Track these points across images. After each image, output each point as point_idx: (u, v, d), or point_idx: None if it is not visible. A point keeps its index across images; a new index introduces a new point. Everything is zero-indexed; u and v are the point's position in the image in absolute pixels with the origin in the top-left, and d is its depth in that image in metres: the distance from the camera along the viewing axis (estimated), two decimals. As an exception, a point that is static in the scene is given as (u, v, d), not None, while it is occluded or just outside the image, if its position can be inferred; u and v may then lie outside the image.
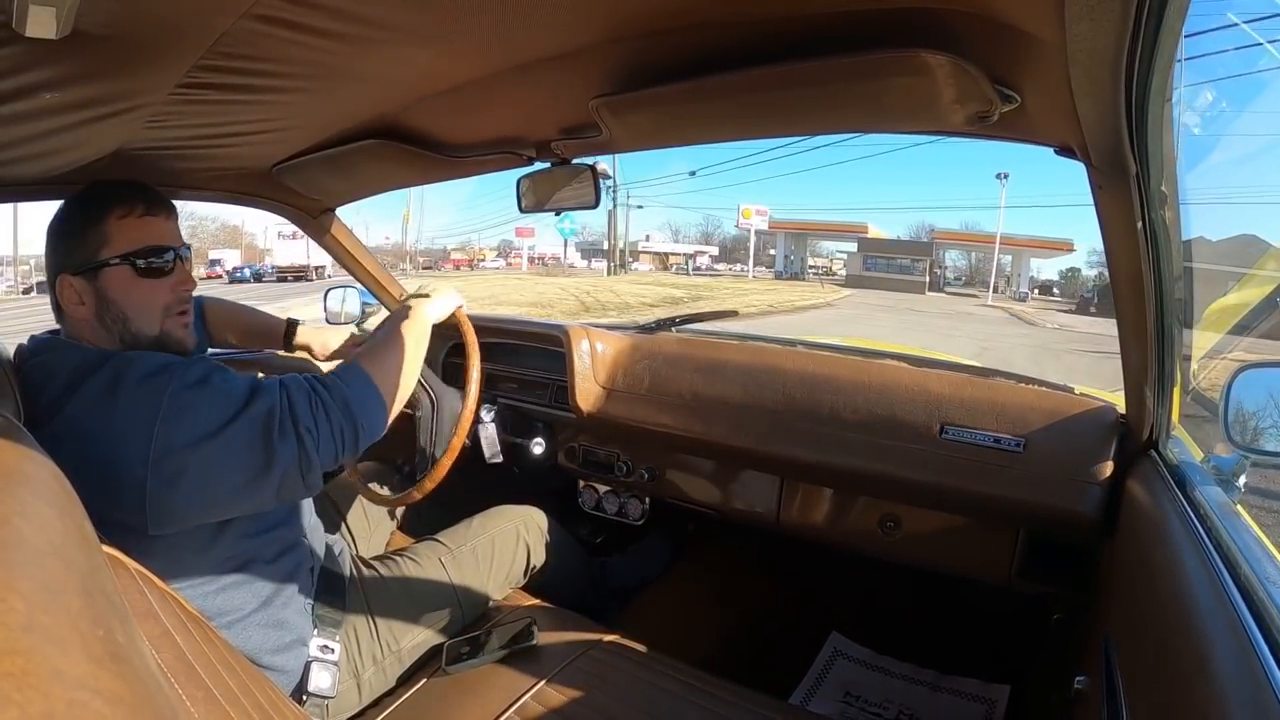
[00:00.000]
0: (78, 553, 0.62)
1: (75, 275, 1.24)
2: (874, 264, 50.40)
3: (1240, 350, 1.89)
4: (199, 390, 1.15)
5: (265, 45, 0.97)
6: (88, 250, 1.25)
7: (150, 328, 1.30)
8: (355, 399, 1.28)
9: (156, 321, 1.31)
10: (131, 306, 1.28)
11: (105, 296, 1.26)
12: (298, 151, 1.64)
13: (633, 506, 2.58)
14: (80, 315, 1.26)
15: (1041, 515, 1.63)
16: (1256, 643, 0.70)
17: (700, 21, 1.03)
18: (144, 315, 1.29)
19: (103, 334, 1.27)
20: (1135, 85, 0.79)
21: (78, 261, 1.25)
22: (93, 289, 1.25)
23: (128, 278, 1.27)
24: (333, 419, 1.23)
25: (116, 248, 1.26)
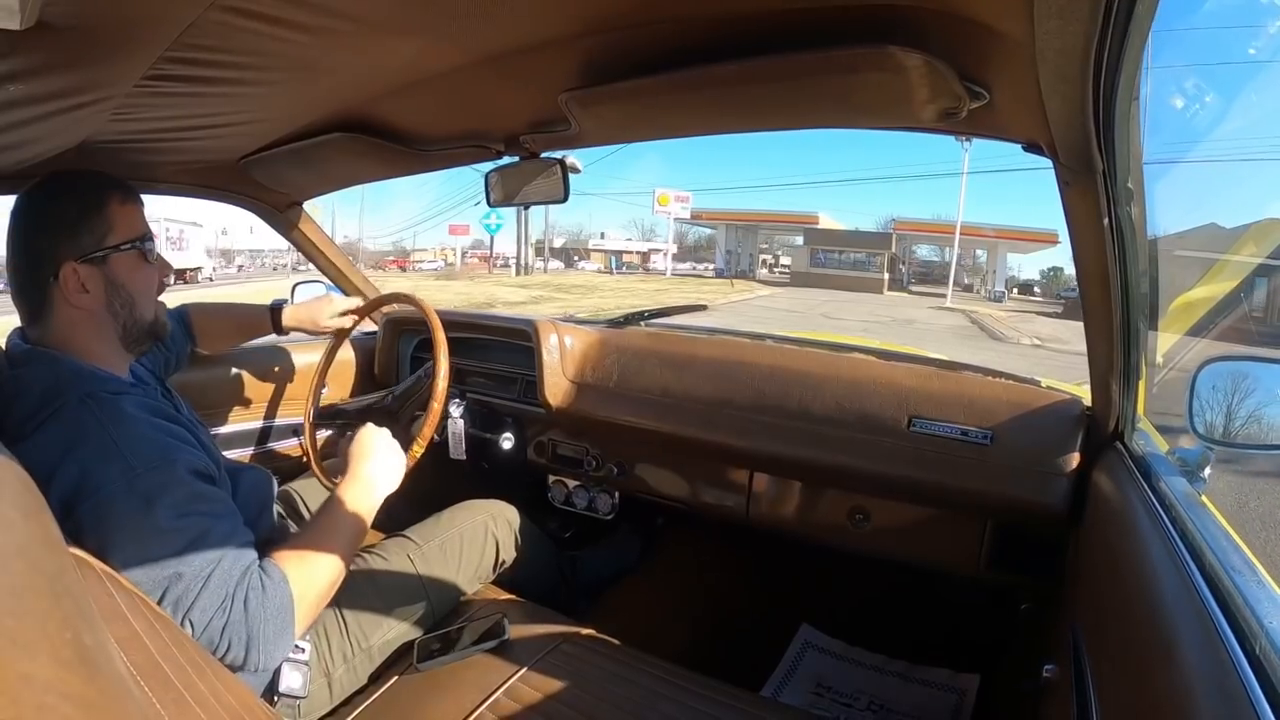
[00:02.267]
0: (44, 555, 0.61)
1: (83, 262, 1.23)
2: (824, 259, 45.64)
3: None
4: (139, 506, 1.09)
5: (232, 37, 0.95)
6: (94, 236, 1.24)
7: (148, 311, 1.33)
8: (264, 634, 1.14)
9: (153, 304, 1.34)
10: (138, 290, 1.30)
11: (115, 282, 1.26)
12: (265, 145, 1.62)
13: (602, 501, 2.58)
14: (85, 304, 1.24)
15: (1009, 507, 1.65)
16: (1222, 630, 0.71)
17: (670, 16, 1.03)
18: (146, 299, 1.32)
19: (105, 323, 1.27)
20: (1103, 83, 0.79)
21: (86, 247, 1.23)
22: (101, 275, 1.25)
23: (134, 262, 1.29)
24: (226, 634, 1.11)
25: (121, 234, 1.26)
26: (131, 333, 1.31)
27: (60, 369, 1.18)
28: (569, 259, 75.76)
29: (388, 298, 2.17)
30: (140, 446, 1.12)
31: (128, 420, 1.15)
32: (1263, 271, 8.00)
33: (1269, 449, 1.18)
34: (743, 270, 54.48)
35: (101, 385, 1.19)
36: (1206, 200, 4.46)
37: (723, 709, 1.42)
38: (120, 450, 1.10)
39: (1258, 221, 6.35)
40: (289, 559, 1.25)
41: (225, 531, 1.17)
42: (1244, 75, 2.26)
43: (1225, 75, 2.27)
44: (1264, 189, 7.88)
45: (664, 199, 44.90)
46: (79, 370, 1.20)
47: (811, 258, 45.85)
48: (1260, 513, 4.81)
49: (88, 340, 1.26)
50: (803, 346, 2.18)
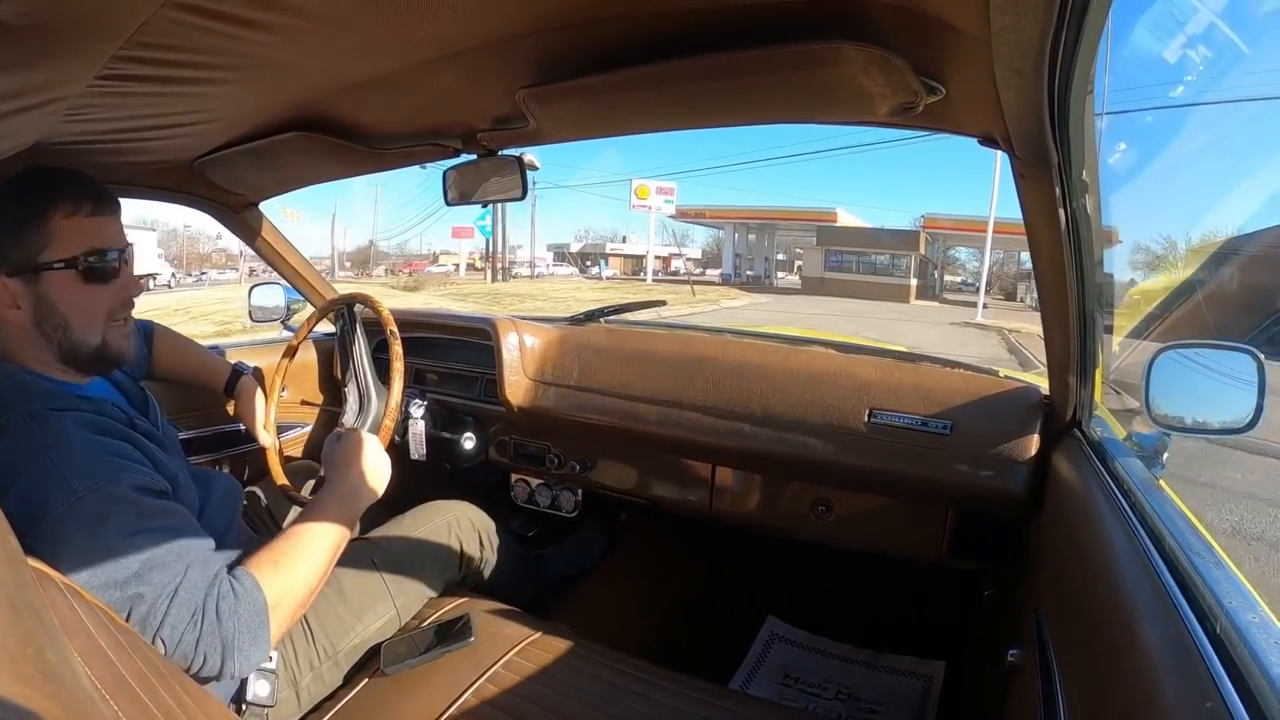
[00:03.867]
0: (2, 569, 0.59)
1: (11, 277, 1.13)
2: (840, 261, 39.51)
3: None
4: (89, 528, 1.01)
5: (186, 35, 0.93)
6: (26, 250, 1.13)
7: (92, 336, 1.21)
8: (239, 640, 1.08)
9: (99, 329, 1.21)
10: (74, 313, 1.18)
11: (46, 302, 1.16)
12: (220, 144, 1.59)
13: (565, 499, 2.58)
14: (13, 320, 1.15)
15: (970, 494, 1.67)
16: (1183, 611, 0.73)
17: (627, 12, 1.03)
18: (86, 323, 1.20)
19: (38, 342, 1.17)
20: (1058, 77, 0.81)
21: (15, 261, 1.13)
22: (31, 293, 1.15)
23: (71, 283, 1.17)
24: (201, 647, 1.05)
25: (60, 250, 1.15)
26: (72, 356, 1.20)
27: (3, 385, 1.11)
28: (582, 264, 72.74)
29: (349, 298, 2.15)
30: (83, 467, 1.04)
31: (69, 439, 1.06)
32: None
33: (1222, 433, 1.21)
34: (755, 276, 48.85)
35: (45, 401, 1.11)
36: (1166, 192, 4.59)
37: (691, 702, 1.42)
38: (61, 472, 1.02)
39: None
40: (262, 565, 1.17)
41: (184, 545, 1.09)
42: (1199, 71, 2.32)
43: (1181, 68, 2.32)
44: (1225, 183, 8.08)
45: (643, 191, 38.26)
46: (22, 383, 1.13)
47: (826, 260, 40.33)
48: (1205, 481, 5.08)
49: (27, 353, 1.17)
50: (763, 340, 2.19)
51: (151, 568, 1.03)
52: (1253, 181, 17.10)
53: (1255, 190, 17.45)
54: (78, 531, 1.00)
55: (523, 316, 2.41)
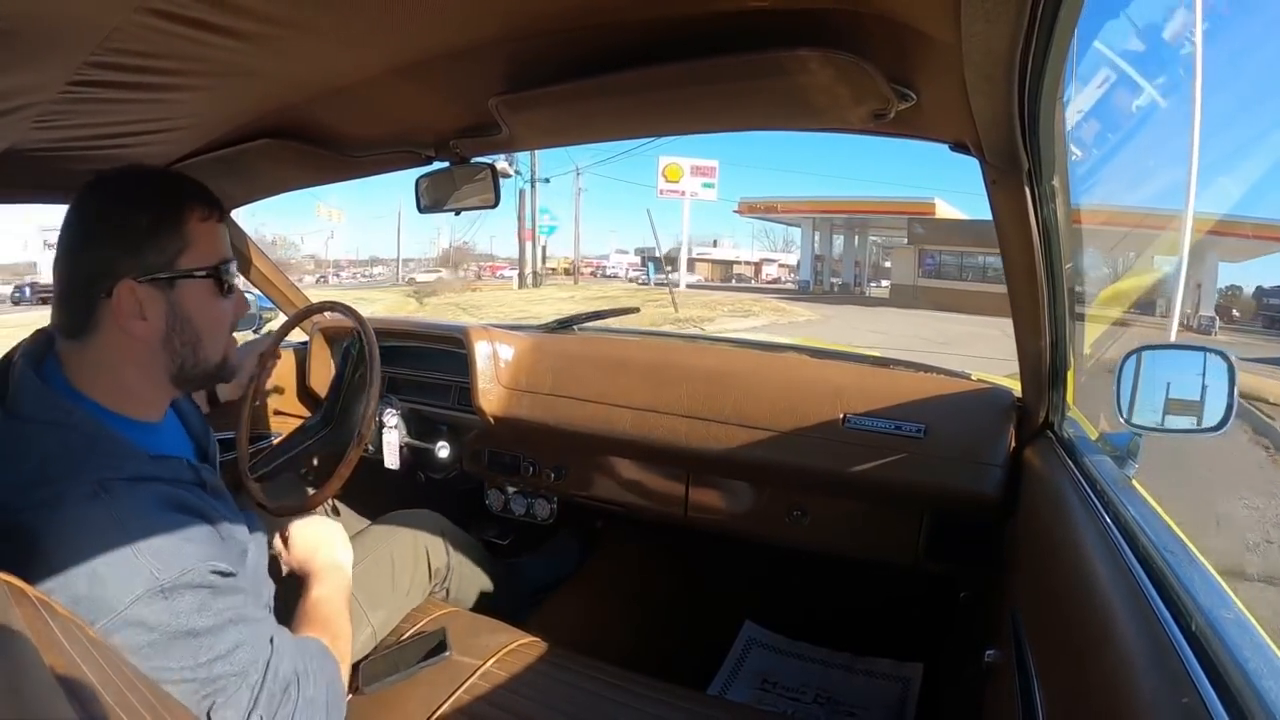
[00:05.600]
0: None
1: (144, 283, 1.02)
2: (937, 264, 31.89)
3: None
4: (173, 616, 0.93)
5: (157, 41, 0.92)
6: (164, 255, 1.03)
7: (217, 353, 1.13)
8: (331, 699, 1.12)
9: (223, 344, 1.14)
10: (207, 326, 1.10)
11: (181, 313, 1.06)
12: (191, 152, 1.57)
13: (540, 507, 2.57)
14: (138, 333, 1.03)
15: (945, 497, 1.68)
16: (1158, 609, 0.74)
17: (599, 20, 1.03)
18: (215, 338, 1.12)
19: (158, 358, 1.07)
20: (1028, 85, 0.82)
21: (151, 266, 1.02)
22: (165, 301, 1.04)
23: (208, 293, 1.08)
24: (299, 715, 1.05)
25: (199, 257, 1.06)
26: (188, 374, 1.10)
27: (70, 437, 0.97)
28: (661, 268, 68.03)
29: (321, 306, 2.12)
30: (162, 550, 0.94)
31: (147, 519, 0.95)
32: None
33: (1192, 432, 1.22)
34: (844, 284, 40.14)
35: (118, 468, 0.97)
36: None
37: (669, 708, 1.42)
38: (142, 555, 0.92)
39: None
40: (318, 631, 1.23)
41: (262, 623, 1.06)
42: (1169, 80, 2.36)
43: (1150, 78, 2.37)
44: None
45: (673, 172, 30.10)
46: (99, 435, 0.99)
47: (921, 263, 32.75)
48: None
49: (128, 375, 1.06)
50: (736, 346, 2.20)
51: (238, 647, 0.98)
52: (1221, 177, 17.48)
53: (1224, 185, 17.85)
54: (163, 618, 0.92)
55: (496, 324, 2.40)
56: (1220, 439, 1.20)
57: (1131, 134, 10.42)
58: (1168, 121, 12.00)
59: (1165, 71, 11.05)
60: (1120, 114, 10.09)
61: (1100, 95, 8.92)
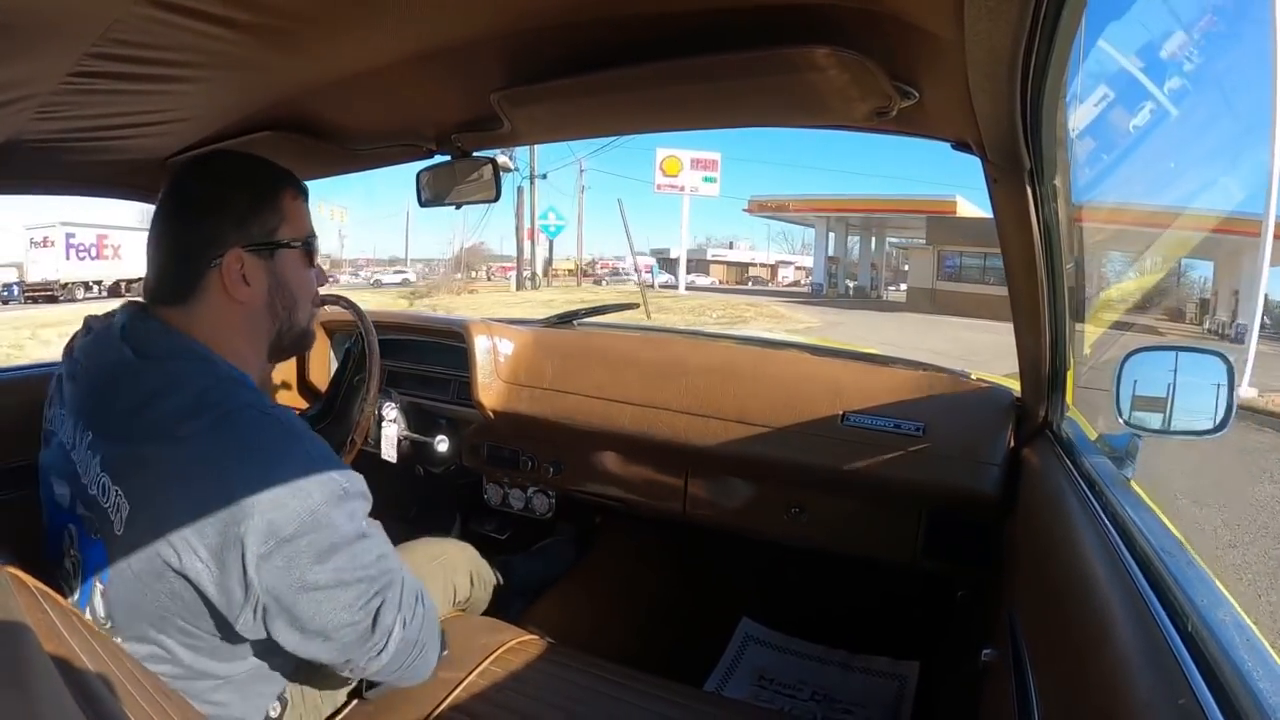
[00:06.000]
0: None
1: (249, 251, 1.13)
2: (957, 266, 29.58)
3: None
4: (350, 519, 1.05)
5: (158, 33, 0.92)
6: (265, 227, 1.15)
7: (306, 318, 1.26)
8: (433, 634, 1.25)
9: (310, 312, 1.27)
10: (301, 292, 1.22)
11: (280, 278, 1.17)
12: (193, 144, 1.57)
13: (539, 501, 2.57)
14: (244, 298, 1.13)
15: (943, 496, 1.68)
16: (1155, 610, 0.74)
17: (602, 15, 1.02)
18: (305, 303, 1.24)
19: (261, 322, 1.18)
20: (1031, 84, 0.82)
21: (256, 236, 1.13)
22: (266, 269, 1.15)
23: (301, 262, 1.21)
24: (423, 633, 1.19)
25: (293, 230, 1.18)
26: (284, 338, 1.22)
27: (217, 371, 1.08)
28: (674, 270, 65.82)
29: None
30: (330, 462, 1.06)
31: (307, 437, 1.07)
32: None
33: (1192, 434, 1.22)
34: (860, 287, 37.91)
35: (265, 401, 1.09)
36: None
37: (666, 705, 1.42)
38: (319, 466, 1.03)
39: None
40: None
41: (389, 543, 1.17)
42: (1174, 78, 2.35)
43: (1156, 77, 2.36)
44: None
45: (671, 165, 28.29)
46: (237, 379, 1.09)
47: (940, 265, 30.43)
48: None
49: (236, 339, 1.15)
50: (736, 343, 2.19)
51: (385, 553, 1.11)
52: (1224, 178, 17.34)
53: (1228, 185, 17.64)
54: (346, 523, 1.03)
55: (496, 319, 2.40)
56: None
57: (1147, 133, 10.34)
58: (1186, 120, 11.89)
59: (1178, 70, 10.98)
60: (1131, 114, 10.03)
61: (1111, 95, 8.86)
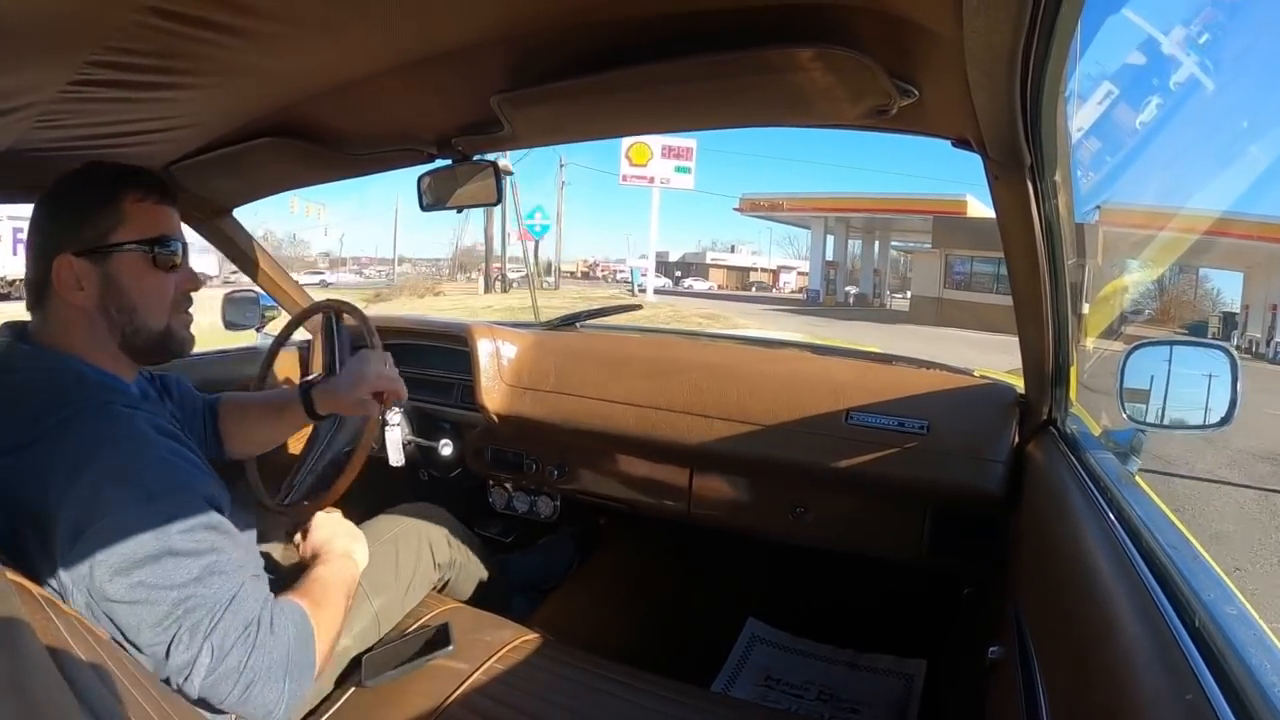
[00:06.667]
0: None
1: (78, 256, 1.12)
2: (966, 273, 27.34)
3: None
4: (156, 531, 1.00)
5: (159, 40, 0.92)
6: (97, 230, 1.13)
7: (157, 322, 1.20)
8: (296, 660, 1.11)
9: (164, 316, 1.21)
10: (142, 296, 1.17)
11: (114, 283, 1.14)
12: (194, 150, 1.57)
13: (544, 504, 2.57)
14: (79, 302, 1.13)
15: (948, 493, 1.68)
16: (1161, 604, 0.74)
17: (601, 18, 1.03)
18: (153, 307, 1.19)
19: (100, 325, 1.16)
20: (1030, 80, 0.82)
21: (85, 240, 1.12)
22: (99, 273, 1.13)
23: (141, 265, 1.17)
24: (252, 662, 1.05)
25: (131, 231, 1.15)
26: (133, 342, 1.19)
27: (63, 373, 1.10)
28: (671, 274, 63.92)
29: (318, 307, 2.13)
30: (158, 470, 1.05)
31: (142, 440, 1.07)
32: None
33: (1193, 428, 1.22)
34: (861, 295, 35.92)
35: (112, 396, 1.11)
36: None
37: (672, 705, 1.42)
38: (137, 472, 1.02)
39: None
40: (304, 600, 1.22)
41: (242, 558, 1.12)
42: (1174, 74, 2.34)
43: (1156, 71, 2.36)
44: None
45: (639, 153, 24.51)
46: (83, 376, 1.12)
47: (948, 272, 27.84)
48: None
49: (85, 340, 1.15)
50: (738, 343, 2.19)
51: (212, 573, 1.04)
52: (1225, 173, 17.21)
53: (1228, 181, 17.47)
54: (146, 533, 1.00)
55: (499, 322, 2.40)
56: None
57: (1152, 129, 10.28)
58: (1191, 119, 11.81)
59: (1178, 67, 10.94)
60: (1134, 109, 9.99)
61: (1113, 91, 8.85)
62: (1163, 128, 10.31)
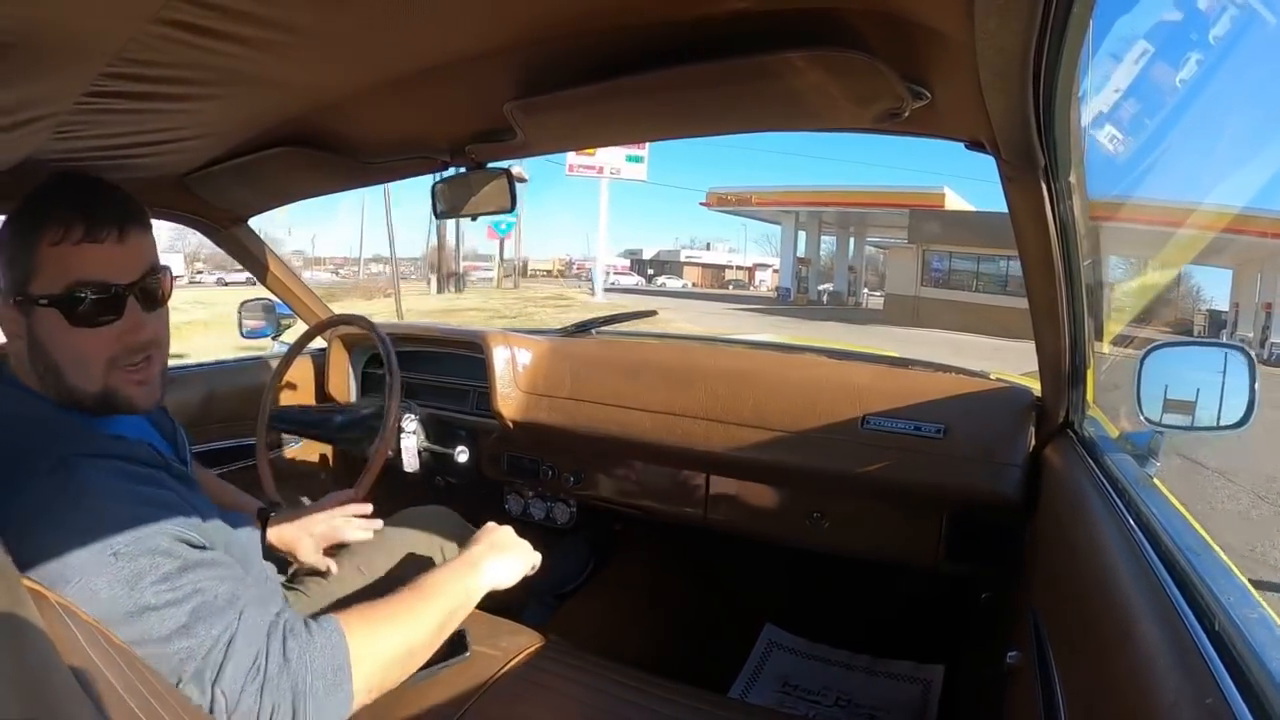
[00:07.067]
0: None
1: (8, 304, 1.00)
2: (944, 269, 26.18)
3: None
4: (125, 586, 0.91)
5: (173, 51, 0.93)
6: (16, 277, 0.99)
7: (89, 384, 1.02)
8: (312, 686, 0.99)
9: (98, 377, 1.03)
10: (64, 357, 1.01)
11: (35, 339, 1.00)
12: (209, 160, 1.59)
13: (560, 511, 2.57)
14: (15, 350, 1.02)
15: (965, 498, 1.68)
16: (1181, 608, 0.73)
17: (612, 24, 1.03)
18: (79, 369, 1.02)
19: (36, 380, 1.03)
20: (1043, 81, 0.81)
21: (8, 286, 1.00)
22: (22, 324, 1.00)
23: (56, 323, 0.99)
24: (266, 696, 0.95)
25: (43, 283, 0.98)
26: (70, 401, 1.03)
27: (25, 424, 0.99)
28: (644, 272, 64.90)
29: (340, 319, 2.16)
30: (119, 521, 0.93)
31: (104, 491, 0.94)
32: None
33: (1213, 429, 1.21)
34: (835, 293, 35.24)
35: (75, 445, 0.97)
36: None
37: (690, 712, 1.42)
38: (96, 529, 0.91)
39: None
40: (353, 614, 1.10)
41: (233, 590, 1.00)
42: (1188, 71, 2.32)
43: (1169, 69, 2.34)
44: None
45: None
46: (44, 420, 1.00)
47: (925, 268, 26.63)
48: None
49: (38, 382, 1.03)
50: (754, 349, 2.19)
51: (199, 619, 0.94)
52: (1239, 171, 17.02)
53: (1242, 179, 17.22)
54: (116, 590, 0.90)
55: (514, 329, 2.41)
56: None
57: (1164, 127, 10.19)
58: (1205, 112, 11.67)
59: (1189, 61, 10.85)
60: (1147, 107, 9.91)
61: (1124, 89, 8.79)
62: (1166, 123, 10.20)
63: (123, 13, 0.81)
